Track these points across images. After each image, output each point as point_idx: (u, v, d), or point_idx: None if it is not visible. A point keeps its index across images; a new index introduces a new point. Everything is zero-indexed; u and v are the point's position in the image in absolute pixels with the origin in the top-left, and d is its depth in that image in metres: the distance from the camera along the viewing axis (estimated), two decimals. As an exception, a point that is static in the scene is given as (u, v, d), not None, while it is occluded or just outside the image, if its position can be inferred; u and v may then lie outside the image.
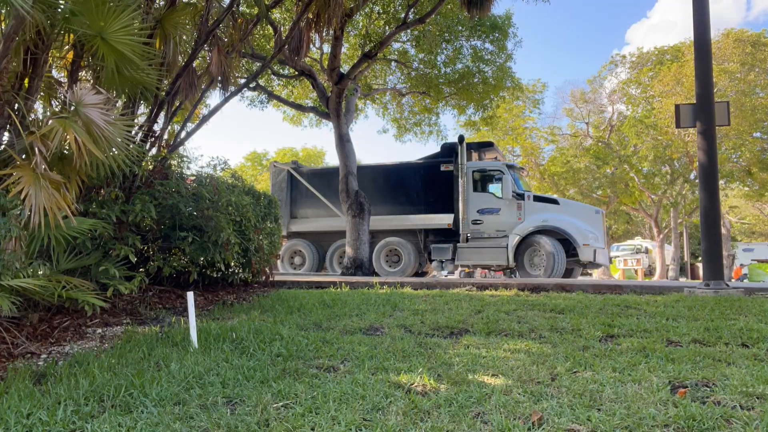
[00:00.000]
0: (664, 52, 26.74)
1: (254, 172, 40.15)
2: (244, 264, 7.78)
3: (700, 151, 8.14)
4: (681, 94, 22.08)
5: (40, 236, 4.61)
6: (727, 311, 5.52)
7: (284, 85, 17.51)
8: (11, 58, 4.79)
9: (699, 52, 8.22)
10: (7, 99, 4.84)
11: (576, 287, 7.90)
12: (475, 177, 12.83)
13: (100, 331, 5.01)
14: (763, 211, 38.21)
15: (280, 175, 15.40)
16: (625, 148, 27.21)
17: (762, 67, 22.56)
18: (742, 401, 2.78)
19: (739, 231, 43.82)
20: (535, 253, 11.78)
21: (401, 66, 16.19)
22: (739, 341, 4.17)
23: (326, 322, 5.30)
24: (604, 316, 5.35)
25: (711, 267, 7.84)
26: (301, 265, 14.85)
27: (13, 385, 3.20)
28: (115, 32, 5.21)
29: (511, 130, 29.09)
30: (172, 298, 6.67)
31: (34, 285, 4.11)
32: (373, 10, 14.24)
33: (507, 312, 5.69)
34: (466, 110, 17.73)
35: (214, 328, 4.75)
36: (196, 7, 7.79)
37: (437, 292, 7.45)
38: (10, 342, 4.27)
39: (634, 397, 2.86)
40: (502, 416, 2.63)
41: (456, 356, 3.87)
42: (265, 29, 13.67)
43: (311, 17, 9.12)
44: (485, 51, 15.55)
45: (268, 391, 3.07)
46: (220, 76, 7.95)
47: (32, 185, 4.29)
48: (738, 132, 22.44)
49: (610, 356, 3.77)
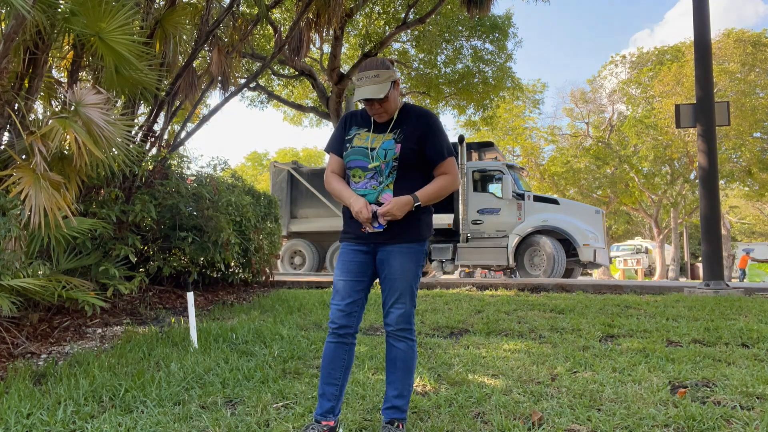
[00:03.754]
0: (664, 52, 26.74)
1: (254, 172, 40.18)
2: (244, 264, 7.79)
3: (701, 153, 8.14)
4: (681, 94, 22.08)
5: (40, 236, 4.61)
6: (727, 311, 5.52)
7: (284, 85, 17.52)
8: (11, 58, 4.79)
9: (699, 53, 8.22)
10: (7, 99, 4.84)
11: (576, 287, 7.90)
12: (475, 177, 12.83)
13: (100, 331, 5.01)
14: (763, 211, 38.22)
15: (281, 175, 15.40)
16: (625, 148, 27.21)
17: (762, 67, 22.55)
18: (742, 401, 2.78)
19: (739, 231, 43.84)
20: (535, 253, 11.78)
21: (401, 66, 16.19)
22: (739, 341, 4.17)
23: (326, 322, 5.30)
24: (604, 316, 5.35)
25: (711, 267, 7.84)
26: (301, 265, 14.86)
27: (13, 385, 3.20)
28: (112, 32, 5.21)
29: (511, 130, 29.10)
30: (172, 298, 6.68)
31: (34, 285, 4.11)
32: (373, 10, 14.25)
33: (507, 312, 5.69)
34: (466, 110, 17.75)
35: (214, 328, 4.75)
36: (196, 7, 7.79)
37: (437, 292, 7.45)
38: (10, 342, 4.28)
39: (634, 397, 2.87)
40: (502, 416, 2.63)
41: (456, 356, 3.87)
42: (265, 29, 13.68)
43: (311, 17, 9.12)
44: (485, 51, 15.56)
45: (268, 391, 3.08)
46: (220, 76, 7.95)
47: (32, 185, 4.29)
48: (738, 132, 22.43)
49: (610, 356, 3.77)
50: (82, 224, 4.97)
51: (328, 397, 2.41)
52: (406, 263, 2.38)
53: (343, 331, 2.42)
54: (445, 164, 2.44)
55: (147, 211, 5.99)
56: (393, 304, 2.39)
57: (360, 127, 2.50)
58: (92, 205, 5.71)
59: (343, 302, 2.41)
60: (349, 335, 2.44)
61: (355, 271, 2.42)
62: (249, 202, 7.51)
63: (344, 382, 2.45)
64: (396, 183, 2.39)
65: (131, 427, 2.58)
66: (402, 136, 2.39)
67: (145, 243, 6.68)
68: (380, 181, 2.39)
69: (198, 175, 7.26)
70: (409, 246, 2.39)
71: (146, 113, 7.29)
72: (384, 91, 2.32)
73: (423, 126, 2.42)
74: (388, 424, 2.39)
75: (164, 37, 6.77)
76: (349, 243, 2.48)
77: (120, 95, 6.18)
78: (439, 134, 2.44)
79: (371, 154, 2.38)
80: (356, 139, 2.45)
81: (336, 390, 2.42)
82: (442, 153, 2.42)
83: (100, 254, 5.65)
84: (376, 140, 2.40)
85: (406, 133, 2.39)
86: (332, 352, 2.43)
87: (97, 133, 4.78)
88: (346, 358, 2.45)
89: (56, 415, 2.71)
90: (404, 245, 2.39)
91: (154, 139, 7.13)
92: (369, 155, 2.38)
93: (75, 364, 3.74)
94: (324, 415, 2.40)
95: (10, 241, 4.16)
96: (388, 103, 2.39)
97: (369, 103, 2.38)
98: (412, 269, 2.39)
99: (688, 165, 25.18)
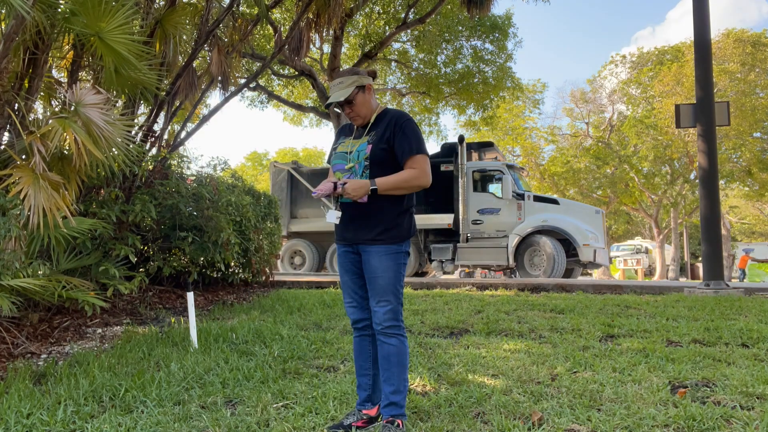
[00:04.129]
0: (664, 52, 26.73)
1: (254, 172, 40.17)
2: (244, 264, 7.79)
3: (701, 153, 8.14)
4: (681, 94, 22.07)
5: (40, 236, 4.61)
6: (727, 311, 5.52)
7: (284, 85, 17.52)
8: (11, 58, 4.79)
9: (699, 53, 8.22)
10: (7, 99, 4.84)
11: (576, 287, 7.90)
12: (475, 177, 12.82)
13: (100, 331, 5.01)
14: (763, 211, 38.21)
15: (281, 175, 15.39)
16: (625, 148, 27.19)
17: (762, 67, 22.53)
18: (742, 401, 2.78)
19: (739, 231, 43.83)
20: (535, 253, 11.78)
21: (401, 66, 16.19)
22: (739, 341, 4.17)
23: (326, 322, 5.30)
24: (604, 316, 5.35)
25: (711, 267, 7.83)
26: (301, 265, 14.85)
27: (13, 385, 3.20)
28: (112, 32, 5.21)
29: (511, 130, 29.09)
30: (172, 298, 6.68)
31: (34, 285, 4.11)
32: (373, 10, 14.24)
33: (507, 312, 5.69)
34: (466, 110, 17.74)
35: (214, 328, 4.75)
36: (196, 7, 7.79)
37: (437, 292, 7.45)
38: (10, 342, 4.28)
39: (634, 397, 2.87)
40: (502, 416, 2.63)
41: (456, 356, 3.87)
42: (265, 29, 13.67)
43: (311, 17, 9.12)
44: (485, 51, 15.55)
45: (268, 391, 3.08)
46: (220, 76, 7.95)
47: (32, 185, 4.29)
48: (738, 132, 22.42)
49: (610, 356, 3.77)
50: (82, 224, 4.97)
51: (363, 387, 2.63)
52: (386, 262, 2.50)
53: (360, 324, 2.64)
54: (412, 160, 2.53)
55: (147, 211, 5.99)
56: (378, 302, 2.50)
57: (347, 136, 2.72)
58: (92, 205, 5.71)
59: (352, 298, 2.63)
60: (368, 327, 2.63)
61: (352, 270, 2.63)
62: (249, 202, 7.51)
63: (377, 372, 2.61)
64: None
65: (131, 427, 2.58)
66: (375, 138, 2.56)
67: (145, 243, 6.68)
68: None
69: (198, 175, 7.26)
70: (388, 247, 2.52)
71: (146, 113, 7.29)
72: (346, 95, 2.54)
73: (393, 126, 2.56)
74: (389, 423, 2.42)
75: (164, 37, 6.77)
76: (340, 245, 2.67)
77: (120, 95, 6.18)
78: (408, 133, 2.55)
79: (348, 157, 2.59)
80: (340, 146, 2.67)
81: (368, 380, 2.62)
82: (409, 150, 2.52)
83: (100, 254, 5.65)
84: (354, 144, 2.61)
85: (379, 135, 2.56)
86: (357, 345, 2.67)
87: (97, 133, 4.78)
88: (372, 349, 2.64)
89: (56, 415, 2.71)
90: (383, 246, 2.51)
91: (154, 139, 7.13)
92: (347, 158, 2.59)
93: (75, 364, 3.74)
94: (362, 404, 2.61)
95: (10, 241, 4.16)
96: (356, 106, 2.59)
97: (340, 106, 2.62)
98: (393, 267, 2.51)
99: (688, 165, 25.17)
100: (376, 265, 2.49)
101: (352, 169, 2.55)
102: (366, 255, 2.53)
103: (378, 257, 2.50)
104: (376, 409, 2.58)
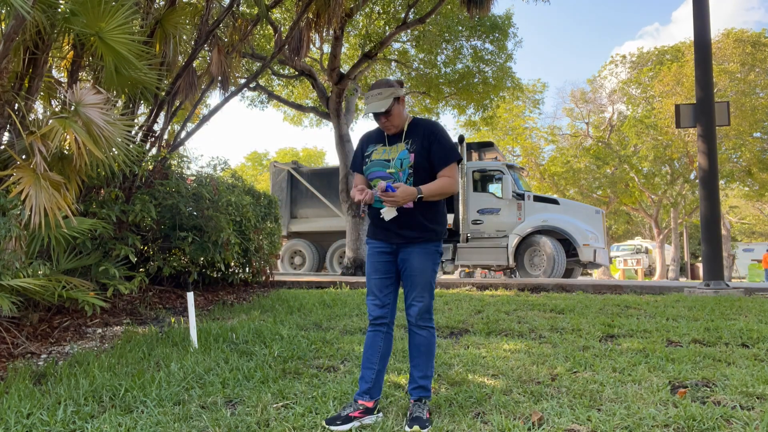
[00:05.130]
0: (664, 52, 26.72)
1: (254, 172, 40.15)
2: (244, 264, 7.79)
3: (701, 153, 8.14)
4: (681, 94, 22.06)
5: (40, 236, 4.61)
6: (727, 311, 5.52)
7: (284, 85, 17.51)
8: (11, 58, 4.79)
9: (699, 53, 8.22)
10: (7, 99, 4.84)
11: (576, 287, 7.90)
12: (475, 177, 12.82)
13: (100, 331, 5.01)
14: (763, 211, 38.21)
15: (281, 175, 15.40)
16: (625, 148, 27.18)
17: (762, 67, 22.53)
18: (742, 401, 2.78)
19: (739, 231, 43.82)
20: (535, 253, 11.78)
21: (401, 66, 16.17)
22: (739, 341, 4.17)
23: (326, 322, 5.30)
24: (604, 316, 5.35)
25: (711, 267, 7.84)
26: (301, 265, 14.86)
27: (13, 385, 3.21)
28: (112, 32, 5.21)
29: (511, 130, 29.07)
30: (172, 298, 6.68)
31: (34, 285, 4.11)
32: (373, 10, 14.23)
33: (507, 312, 5.69)
34: (466, 110, 17.71)
35: (214, 328, 4.75)
36: (196, 7, 7.79)
37: (437, 292, 7.45)
38: (10, 342, 4.28)
39: (634, 397, 2.87)
40: (502, 416, 2.63)
41: (456, 356, 3.87)
42: (265, 29, 13.66)
43: (311, 17, 9.11)
44: (485, 51, 15.53)
45: (268, 391, 3.08)
46: (220, 76, 7.94)
47: (32, 185, 4.29)
48: (738, 132, 22.41)
49: (610, 356, 3.77)
50: (82, 224, 4.97)
51: (366, 379, 2.73)
52: (424, 262, 2.71)
53: (378, 321, 2.78)
54: (447, 169, 2.76)
55: (147, 211, 5.99)
56: (414, 298, 2.72)
57: (376, 143, 2.88)
58: (92, 205, 5.71)
59: (377, 297, 2.78)
60: (385, 324, 2.78)
61: (383, 270, 2.79)
62: (249, 202, 7.51)
63: (382, 368, 2.76)
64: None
65: (131, 427, 2.59)
66: (414, 147, 2.74)
67: (145, 243, 6.68)
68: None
69: (198, 175, 7.26)
70: (425, 246, 2.73)
71: (146, 113, 7.29)
72: (386, 106, 2.68)
73: (429, 135, 2.76)
74: (417, 401, 2.67)
75: (164, 37, 6.76)
76: (375, 243, 2.83)
77: (120, 95, 6.18)
78: (444, 142, 2.77)
79: (390, 164, 2.75)
80: (374, 154, 2.82)
81: (372, 374, 2.73)
82: (446, 160, 2.75)
83: (100, 254, 5.65)
84: (392, 152, 2.77)
85: (418, 144, 2.75)
86: (370, 339, 2.79)
87: (97, 133, 4.78)
88: (383, 345, 2.77)
89: (56, 415, 2.71)
90: (422, 245, 2.72)
91: (154, 139, 7.13)
92: (387, 165, 2.76)
93: (75, 364, 3.74)
94: (361, 395, 2.70)
95: (10, 241, 4.16)
96: (392, 116, 2.74)
97: (376, 117, 2.75)
98: (430, 266, 2.73)
99: (688, 165, 25.16)
100: (416, 264, 2.70)
101: (394, 174, 2.73)
102: (405, 254, 2.73)
103: (418, 256, 2.70)
104: (373, 402, 2.69)
